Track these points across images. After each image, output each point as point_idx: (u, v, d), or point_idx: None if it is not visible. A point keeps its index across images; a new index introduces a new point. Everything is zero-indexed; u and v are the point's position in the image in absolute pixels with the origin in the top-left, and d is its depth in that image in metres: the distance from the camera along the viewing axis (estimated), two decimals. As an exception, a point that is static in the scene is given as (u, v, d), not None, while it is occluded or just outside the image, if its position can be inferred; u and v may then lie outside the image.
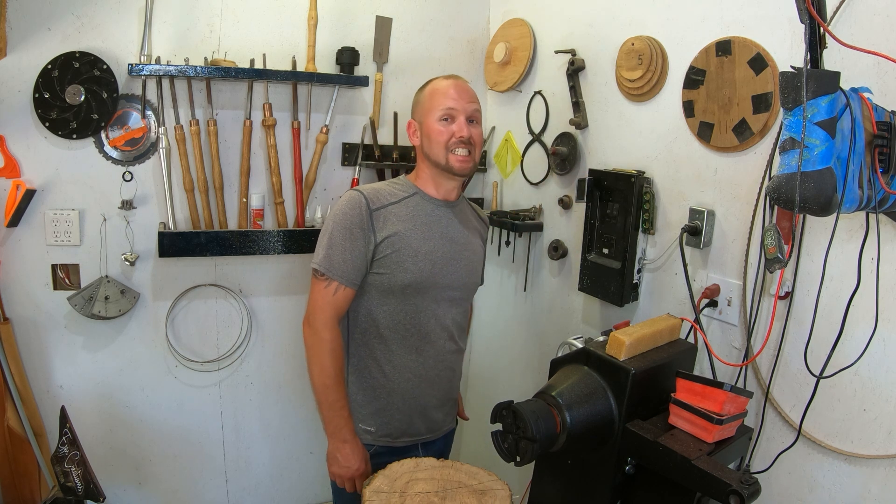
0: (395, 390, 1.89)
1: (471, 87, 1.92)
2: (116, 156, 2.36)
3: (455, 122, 1.84)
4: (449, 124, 1.84)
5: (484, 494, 1.43)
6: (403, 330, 1.87)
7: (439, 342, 1.92)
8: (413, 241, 1.82)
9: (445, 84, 1.88)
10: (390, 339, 1.87)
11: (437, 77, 1.94)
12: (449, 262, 1.89)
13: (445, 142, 1.83)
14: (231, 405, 2.74)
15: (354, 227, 1.78)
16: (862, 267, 1.37)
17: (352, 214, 1.79)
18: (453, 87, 1.87)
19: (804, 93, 1.05)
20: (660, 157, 2.03)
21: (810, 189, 1.06)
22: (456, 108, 1.84)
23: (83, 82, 2.22)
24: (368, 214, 1.79)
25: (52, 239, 2.32)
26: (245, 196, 2.53)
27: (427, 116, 1.87)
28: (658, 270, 2.07)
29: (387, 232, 1.80)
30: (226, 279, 2.62)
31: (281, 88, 2.54)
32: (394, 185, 1.93)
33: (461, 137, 1.83)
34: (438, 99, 1.86)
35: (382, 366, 1.89)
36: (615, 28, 2.18)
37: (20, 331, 2.33)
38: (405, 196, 1.89)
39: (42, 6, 2.19)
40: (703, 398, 1.42)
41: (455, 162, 1.84)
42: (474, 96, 1.91)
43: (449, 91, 1.86)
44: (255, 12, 2.49)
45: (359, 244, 1.78)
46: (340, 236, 1.78)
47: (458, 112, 1.84)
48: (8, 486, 2.27)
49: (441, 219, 1.91)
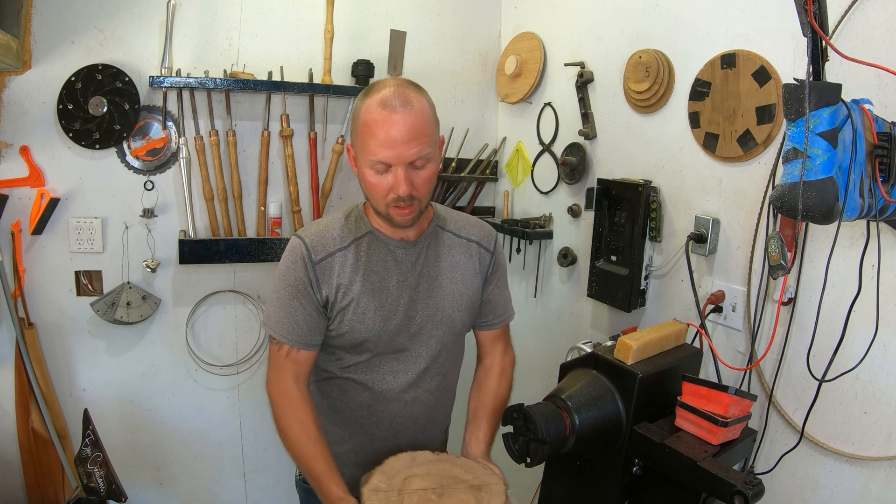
0: (347, 444, 1.71)
1: (418, 112, 1.43)
2: (138, 165, 2.40)
3: (391, 174, 1.44)
4: (385, 176, 1.44)
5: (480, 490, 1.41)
6: (358, 384, 1.66)
7: (399, 403, 1.67)
8: (362, 298, 1.56)
9: (381, 119, 1.40)
10: (343, 391, 1.68)
11: (375, 92, 1.46)
12: (407, 310, 1.61)
13: (383, 198, 1.47)
14: (249, 408, 2.77)
15: (299, 285, 1.54)
16: (863, 274, 1.39)
17: (294, 269, 1.55)
18: (390, 128, 1.40)
19: (807, 104, 1.07)
20: (666, 166, 2.06)
21: (813, 198, 1.08)
22: (389, 160, 1.42)
23: (106, 94, 2.26)
24: (312, 268, 1.54)
25: (75, 246, 2.36)
26: (263, 205, 2.57)
27: (360, 156, 1.48)
28: (665, 277, 2.09)
29: (333, 285, 1.55)
30: (244, 285, 2.66)
31: (298, 100, 2.58)
32: (346, 221, 1.62)
33: (399, 195, 1.44)
34: (370, 142, 1.42)
35: (336, 416, 1.71)
36: (623, 41, 2.21)
37: (44, 336, 2.37)
38: (354, 239, 1.59)
39: (66, 20, 2.24)
40: (709, 401, 1.44)
41: (397, 216, 1.49)
42: (422, 127, 1.43)
43: (383, 134, 1.40)
44: (272, 26, 2.54)
45: (306, 303, 1.55)
46: (287, 295, 1.56)
47: (394, 164, 1.43)
48: (33, 487, 2.31)
49: (398, 265, 1.61)
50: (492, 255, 1.77)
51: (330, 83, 2.53)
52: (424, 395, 1.69)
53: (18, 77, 2.21)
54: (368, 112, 1.43)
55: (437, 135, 1.55)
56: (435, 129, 1.52)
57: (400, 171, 1.43)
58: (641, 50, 2.09)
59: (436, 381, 1.72)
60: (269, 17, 2.53)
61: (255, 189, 2.57)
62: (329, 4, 2.47)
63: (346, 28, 2.63)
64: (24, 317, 2.29)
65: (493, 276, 1.79)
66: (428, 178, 1.50)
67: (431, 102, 1.53)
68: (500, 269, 1.81)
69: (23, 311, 2.29)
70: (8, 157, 2.23)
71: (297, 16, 2.57)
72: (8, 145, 2.22)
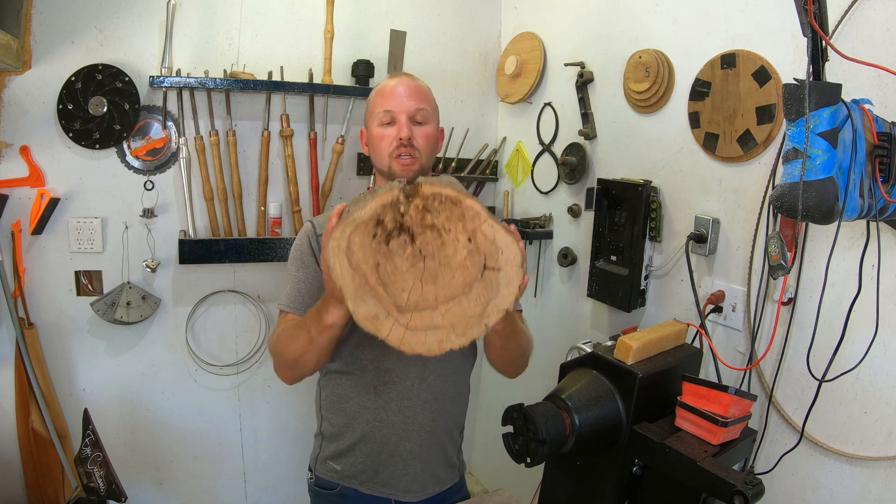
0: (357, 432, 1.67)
1: (421, 84, 1.67)
2: (138, 165, 2.40)
3: (395, 125, 1.60)
4: (389, 128, 1.61)
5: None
6: (360, 366, 1.65)
7: (405, 382, 1.65)
8: None
9: (389, 83, 1.64)
10: (347, 375, 1.67)
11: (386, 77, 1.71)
12: None
13: (388, 147, 1.60)
14: (249, 408, 2.78)
15: (303, 256, 1.63)
16: (863, 273, 1.40)
17: (300, 244, 1.65)
18: (396, 86, 1.62)
19: (807, 104, 1.07)
20: (666, 166, 2.07)
21: (813, 198, 1.08)
22: (393, 108, 1.60)
23: (106, 94, 2.26)
24: (316, 240, 1.62)
25: (75, 246, 2.36)
26: (263, 205, 2.57)
27: (370, 121, 1.66)
28: (665, 277, 2.10)
29: None
30: (244, 285, 2.67)
31: (298, 100, 2.59)
32: None
33: (400, 140, 1.58)
34: (378, 100, 1.63)
35: (343, 404, 1.69)
36: (623, 41, 2.22)
37: (44, 336, 2.37)
38: None
39: (66, 20, 2.24)
40: (709, 401, 1.44)
41: (398, 167, 1.60)
42: (422, 93, 1.65)
43: (390, 90, 1.62)
44: (272, 26, 2.54)
45: (310, 271, 1.62)
46: (293, 268, 1.64)
47: (397, 113, 1.60)
48: (33, 487, 2.31)
49: None
50: None
51: (330, 83, 2.54)
52: (431, 376, 1.67)
53: (18, 77, 2.21)
54: (379, 86, 1.66)
55: (437, 112, 1.71)
56: (434, 104, 1.70)
57: (403, 117, 1.59)
58: (641, 50, 2.09)
59: (443, 364, 1.69)
60: (269, 17, 2.54)
61: (255, 189, 2.57)
62: (329, 4, 2.48)
63: (346, 28, 2.64)
64: (24, 317, 2.29)
65: None
66: (428, 135, 1.63)
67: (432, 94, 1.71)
68: None
69: (23, 311, 2.29)
70: (8, 157, 2.23)
71: (297, 16, 2.58)
72: (8, 145, 2.22)
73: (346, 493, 1.70)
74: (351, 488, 1.69)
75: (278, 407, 2.84)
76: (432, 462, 1.71)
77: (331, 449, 1.72)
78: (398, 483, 1.67)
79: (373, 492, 1.68)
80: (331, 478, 1.71)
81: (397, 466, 1.67)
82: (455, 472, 1.81)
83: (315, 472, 1.76)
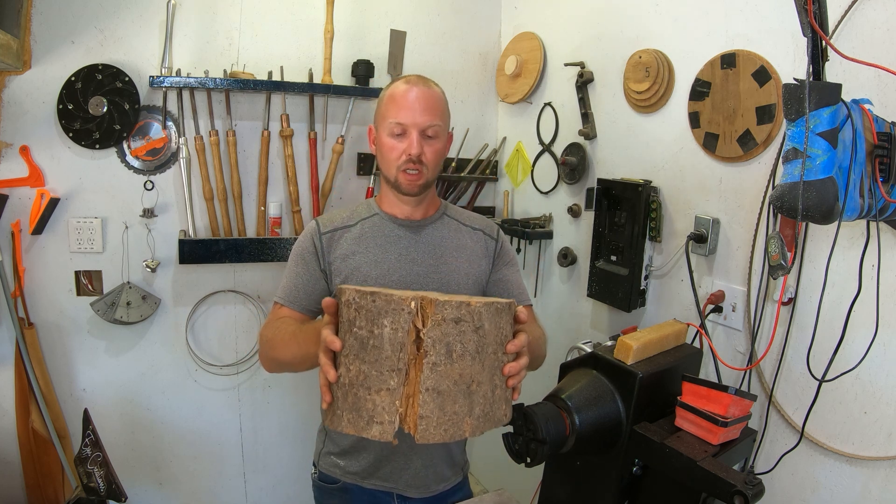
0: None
1: (435, 92, 1.64)
2: (138, 165, 2.40)
3: (406, 138, 1.59)
4: (400, 140, 1.59)
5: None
6: None
7: None
8: (363, 266, 1.63)
9: (403, 90, 1.60)
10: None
11: (401, 77, 1.66)
12: (408, 287, 1.64)
13: (396, 160, 1.60)
14: (249, 408, 2.78)
15: (305, 253, 1.66)
16: (863, 273, 1.40)
17: (303, 241, 1.68)
18: (410, 95, 1.59)
19: (807, 104, 1.07)
20: (666, 166, 2.07)
21: (813, 198, 1.08)
22: (405, 122, 1.58)
23: (106, 94, 2.26)
24: (319, 238, 1.65)
25: (75, 246, 2.36)
26: (263, 205, 2.57)
27: (380, 126, 1.65)
28: (664, 277, 2.10)
29: (336, 254, 1.64)
30: (244, 285, 2.67)
31: (298, 100, 2.59)
32: (356, 208, 1.75)
33: (409, 156, 1.58)
34: (391, 108, 1.60)
35: None
36: (623, 41, 2.22)
37: (44, 336, 2.37)
38: (362, 218, 1.71)
39: (66, 20, 2.24)
40: (709, 401, 1.44)
41: (405, 181, 1.61)
42: (436, 104, 1.62)
43: (403, 100, 1.59)
44: (272, 26, 2.54)
45: (310, 268, 1.65)
46: (293, 263, 1.67)
47: (409, 127, 1.58)
48: (33, 487, 2.31)
49: (400, 240, 1.68)
50: (497, 242, 1.81)
51: (330, 83, 2.54)
52: None
53: (18, 77, 2.20)
54: (392, 89, 1.63)
55: (448, 123, 1.71)
56: (447, 115, 1.68)
57: (414, 133, 1.58)
58: (641, 50, 2.09)
59: None
60: (269, 17, 2.54)
61: (255, 189, 2.57)
62: (329, 4, 2.48)
63: (346, 28, 2.64)
64: (24, 317, 2.29)
65: (501, 260, 1.80)
66: (437, 151, 1.63)
67: (446, 98, 1.69)
68: (508, 254, 1.83)
69: (23, 310, 2.29)
70: (8, 157, 2.23)
71: (297, 16, 2.58)
72: (8, 145, 2.22)
73: (348, 487, 1.73)
74: (354, 484, 1.72)
75: (278, 407, 2.84)
76: (435, 459, 1.73)
77: (334, 446, 1.75)
78: (399, 478, 1.70)
79: (375, 486, 1.71)
80: (333, 473, 1.75)
81: (399, 462, 1.69)
82: (459, 470, 1.84)
83: (318, 467, 1.81)
